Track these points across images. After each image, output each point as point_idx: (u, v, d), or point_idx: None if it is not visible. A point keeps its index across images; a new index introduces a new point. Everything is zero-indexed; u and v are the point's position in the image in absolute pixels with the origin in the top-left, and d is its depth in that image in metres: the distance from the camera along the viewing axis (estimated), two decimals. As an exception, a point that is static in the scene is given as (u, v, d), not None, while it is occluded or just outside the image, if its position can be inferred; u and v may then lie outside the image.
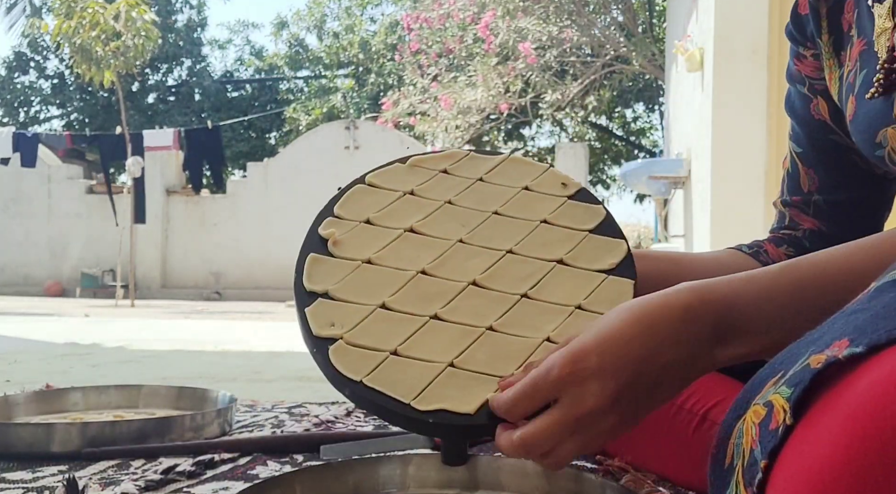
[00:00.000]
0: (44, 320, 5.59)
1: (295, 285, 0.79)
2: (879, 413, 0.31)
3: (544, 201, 0.89)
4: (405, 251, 0.82)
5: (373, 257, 0.81)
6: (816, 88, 0.88)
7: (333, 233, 0.83)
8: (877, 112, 0.72)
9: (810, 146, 0.91)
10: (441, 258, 0.81)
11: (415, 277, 0.79)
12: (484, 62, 9.74)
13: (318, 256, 0.81)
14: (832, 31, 0.82)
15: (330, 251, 0.82)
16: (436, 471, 0.78)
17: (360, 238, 0.83)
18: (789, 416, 0.37)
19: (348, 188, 0.89)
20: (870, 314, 0.38)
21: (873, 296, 0.41)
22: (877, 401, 0.32)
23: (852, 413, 0.33)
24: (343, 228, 0.84)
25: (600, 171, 15.82)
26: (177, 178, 12.07)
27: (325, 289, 0.78)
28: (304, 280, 0.79)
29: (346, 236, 0.83)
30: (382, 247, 0.82)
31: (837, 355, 0.36)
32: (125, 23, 9.04)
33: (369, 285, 0.79)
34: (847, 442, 0.32)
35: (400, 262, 0.81)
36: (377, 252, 0.82)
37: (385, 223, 0.85)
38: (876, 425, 0.31)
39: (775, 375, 0.41)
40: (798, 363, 0.39)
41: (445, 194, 0.89)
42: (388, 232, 0.84)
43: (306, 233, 0.84)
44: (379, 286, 0.78)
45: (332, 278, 0.79)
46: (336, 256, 0.82)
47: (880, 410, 0.31)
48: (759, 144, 3.88)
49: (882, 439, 0.31)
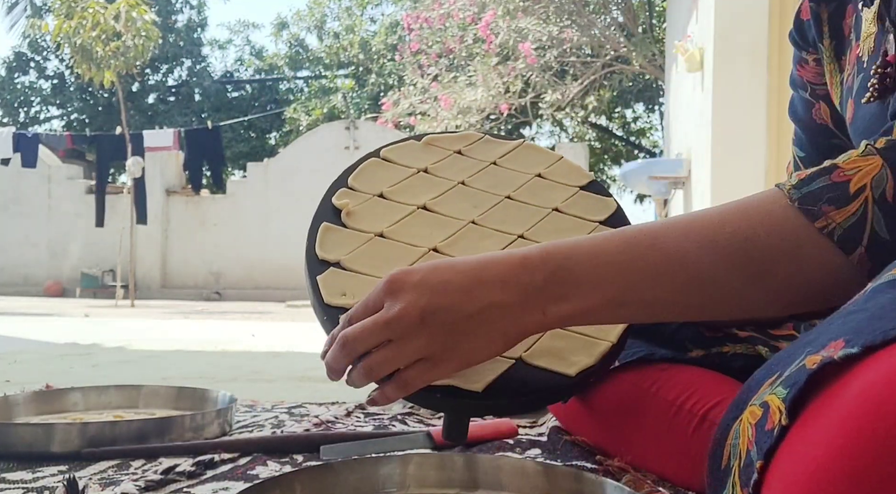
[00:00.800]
0: (44, 320, 5.59)
1: (307, 252, 0.79)
2: (874, 415, 0.31)
3: (556, 190, 0.89)
4: (418, 228, 0.82)
5: (385, 231, 0.81)
6: (818, 93, 0.88)
7: (347, 204, 0.83)
8: (873, 116, 0.73)
9: (813, 151, 0.92)
10: (453, 237, 0.82)
11: (426, 253, 0.80)
12: (484, 62, 9.74)
13: (331, 225, 0.81)
14: (833, 35, 0.83)
15: (343, 222, 0.82)
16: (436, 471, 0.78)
17: (374, 211, 0.83)
18: (785, 417, 0.37)
19: (363, 161, 0.89)
20: (866, 315, 0.38)
21: (870, 297, 0.41)
22: (871, 402, 0.32)
23: (847, 415, 0.33)
24: (357, 199, 0.84)
25: (600, 171, 15.82)
26: (177, 178, 12.07)
27: (338, 258, 0.78)
28: (316, 248, 0.79)
29: (359, 208, 0.83)
30: (396, 222, 0.82)
31: (833, 355, 0.36)
32: (125, 23, 9.04)
33: (381, 258, 0.79)
34: (842, 443, 0.32)
35: (412, 238, 0.81)
36: (390, 226, 0.82)
37: (398, 198, 0.85)
38: (871, 426, 0.31)
39: (772, 375, 0.41)
40: (794, 363, 0.39)
41: (459, 174, 0.89)
42: (401, 207, 0.84)
43: (320, 202, 0.84)
44: (391, 260, 0.79)
45: (344, 248, 0.79)
46: (349, 226, 0.81)
47: (875, 411, 0.32)
48: (759, 144, 3.88)
49: (877, 440, 0.31)
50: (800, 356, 0.40)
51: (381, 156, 0.90)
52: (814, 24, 0.84)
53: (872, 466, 0.31)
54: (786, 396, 0.37)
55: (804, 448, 0.34)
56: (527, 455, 1.05)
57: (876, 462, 0.30)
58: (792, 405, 0.37)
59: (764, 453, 0.37)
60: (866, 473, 0.31)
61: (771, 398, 0.39)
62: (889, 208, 0.58)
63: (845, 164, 0.61)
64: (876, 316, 0.37)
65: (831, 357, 0.36)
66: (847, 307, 0.42)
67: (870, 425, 0.31)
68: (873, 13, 0.72)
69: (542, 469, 0.75)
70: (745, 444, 0.39)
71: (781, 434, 0.37)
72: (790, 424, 0.36)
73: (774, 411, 0.38)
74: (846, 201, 0.58)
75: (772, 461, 0.36)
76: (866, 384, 0.33)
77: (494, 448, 1.07)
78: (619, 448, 0.96)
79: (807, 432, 0.35)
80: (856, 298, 0.43)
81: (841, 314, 0.42)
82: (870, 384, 0.33)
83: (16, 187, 11.80)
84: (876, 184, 0.58)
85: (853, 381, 0.34)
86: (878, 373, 0.33)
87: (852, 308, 0.41)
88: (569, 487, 0.72)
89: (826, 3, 0.83)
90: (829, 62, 0.84)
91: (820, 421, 0.34)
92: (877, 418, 0.31)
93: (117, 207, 10.55)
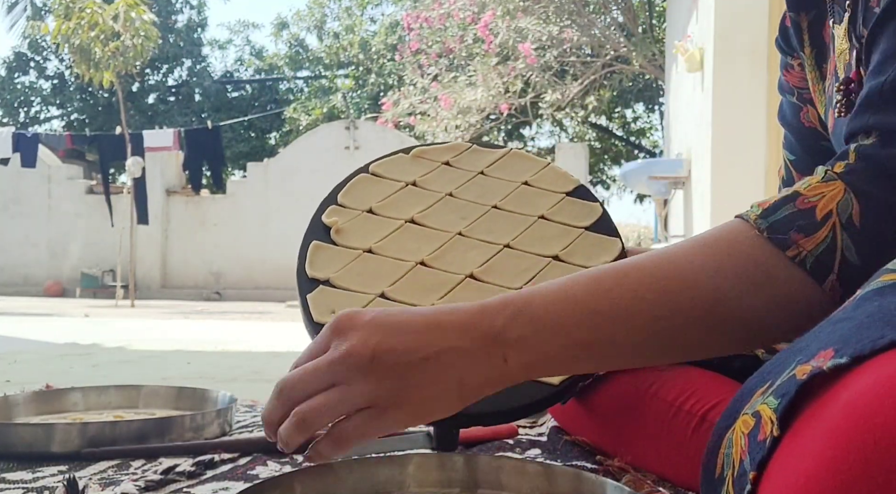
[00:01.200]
0: (43, 320, 5.59)
1: (298, 271, 0.81)
2: (862, 426, 0.31)
3: (543, 197, 0.90)
4: (406, 242, 0.83)
5: (374, 247, 0.82)
6: (805, 97, 0.89)
7: (336, 221, 0.84)
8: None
9: (804, 153, 0.92)
10: (440, 250, 0.83)
11: (414, 267, 0.81)
12: (484, 62, 9.74)
13: (320, 243, 0.82)
14: (814, 44, 0.83)
15: (333, 239, 0.83)
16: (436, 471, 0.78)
17: (363, 227, 0.84)
18: (776, 428, 0.37)
19: (352, 177, 0.90)
20: (854, 324, 0.38)
21: (857, 305, 0.41)
22: (859, 414, 0.32)
23: (835, 426, 0.33)
24: (345, 216, 0.85)
25: (600, 171, 15.82)
26: (177, 178, 12.06)
27: (327, 277, 0.79)
28: (306, 267, 0.80)
29: (348, 225, 0.84)
30: (384, 237, 0.83)
31: (822, 366, 0.36)
32: (124, 23, 9.04)
33: (370, 274, 0.80)
34: (831, 455, 0.32)
35: (400, 252, 0.82)
36: (378, 242, 0.83)
37: (387, 213, 0.86)
38: (859, 437, 0.31)
39: (763, 384, 0.41)
40: (785, 372, 0.39)
41: (447, 186, 0.90)
42: (389, 222, 0.85)
43: (310, 220, 0.85)
44: (379, 276, 0.80)
45: (333, 265, 0.80)
46: (338, 244, 0.82)
47: (863, 422, 0.31)
48: (759, 144, 3.88)
49: (865, 451, 0.31)
50: (790, 364, 0.40)
51: (371, 171, 0.90)
52: (794, 33, 0.85)
53: (861, 477, 0.30)
54: (777, 406, 0.37)
55: (794, 460, 0.34)
56: (527, 455, 1.06)
57: (864, 474, 0.30)
58: (783, 416, 0.37)
59: (756, 464, 0.37)
60: (855, 484, 0.31)
61: (762, 408, 0.39)
62: (857, 234, 0.57)
63: (807, 190, 0.60)
64: (864, 325, 0.37)
65: (820, 368, 0.36)
66: (836, 315, 0.42)
67: (858, 436, 0.31)
68: (844, 29, 0.72)
69: (542, 469, 0.75)
70: (738, 454, 0.39)
71: (773, 446, 0.36)
72: (781, 435, 0.36)
73: (766, 421, 0.38)
74: (814, 229, 0.57)
75: (764, 472, 0.36)
76: (854, 395, 0.33)
77: (494, 448, 1.08)
78: (618, 448, 0.96)
79: (797, 443, 0.35)
80: (844, 305, 0.43)
81: (830, 322, 0.41)
82: (857, 396, 0.33)
83: (16, 187, 11.80)
84: (842, 209, 0.57)
85: (842, 392, 0.34)
86: (866, 384, 0.33)
87: (841, 316, 0.41)
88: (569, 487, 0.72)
89: (806, 12, 0.83)
90: (811, 70, 0.84)
91: (809, 433, 0.34)
92: (865, 429, 0.31)
93: (117, 207, 10.55)
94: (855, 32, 0.69)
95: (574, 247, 0.84)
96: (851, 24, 0.70)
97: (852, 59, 0.70)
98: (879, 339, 0.35)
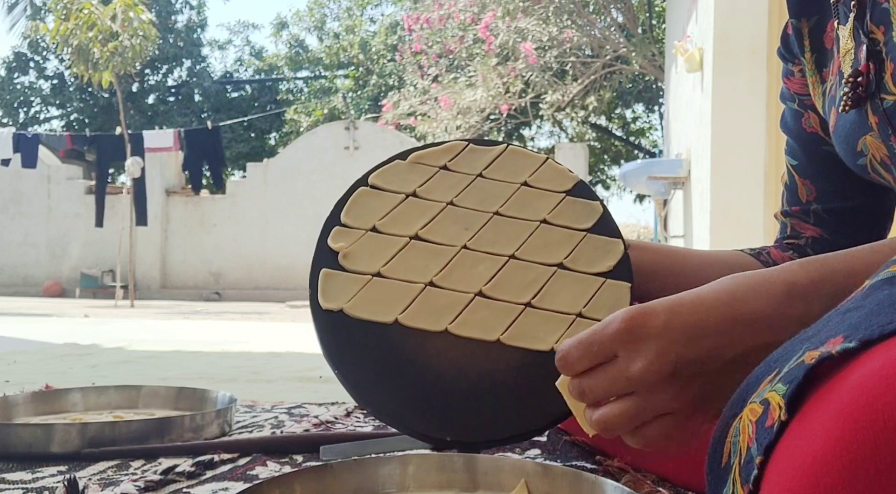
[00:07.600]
0: (43, 320, 5.59)
1: (311, 302, 0.81)
2: (870, 406, 0.32)
3: (543, 198, 0.90)
4: (413, 261, 0.84)
5: (383, 270, 0.83)
6: (806, 103, 0.92)
7: (343, 246, 0.84)
8: (853, 122, 0.75)
9: (805, 158, 0.94)
10: (448, 268, 0.84)
11: (424, 290, 0.82)
12: (484, 63, 9.75)
13: (330, 271, 0.83)
14: (814, 49, 0.86)
15: (341, 264, 0.83)
16: (436, 471, 0.78)
17: (369, 248, 0.85)
18: (784, 412, 0.37)
19: (352, 191, 0.90)
20: (863, 312, 0.39)
21: (867, 294, 0.41)
22: (868, 394, 0.32)
23: (844, 407, 0.33)
24: (351, 238, 0.85)
25: (600, 171, 15.83)
26: (176, 178, 12.07)
27: (340, 307, 0.80)
28: (319, 298, 0.80)
29: (354, 248, 0.84)
30: (391, 258, 0.84)
31: (831, 351, 0.36)
32: (122, 23, 9.04)
33: (381, 300, 0.81)
34: (839, 435, 0.32)
35: (408, 273, 0.83)
36: (386, 264, 0.83)
37: (391, 230, 0.86)
38: (867, 417, 0.32)
39: (771, 372, 0.42)
40: (793, 359, 0.40)
41: (447, 193, 0.90)
42: (394, 241, 0.86)
43: (316, 244, 0.85)
44: (391, 302, 0.81)
45: (345, 294, 0.81)
46: (347, 269, 0.83)
47: (871, 403, 0.32)
48: (759, 144, 3.88)
49: (873, 431, 0.31)
50: (798, 352, 0.40)
51: (370, 183, 0.90)
52: (795, 39, 0.88)
53: (869, 457, 0.31)
54: (785, 392, 0.38)
55: (802, 442, 0.34)
56: (527, 455, 1.06)
57: (872, 453, 0.31)
58: (791, 401, 0.37)
59: (764, 449, 0.37)
60: (863, 464, 0.31)
61: (771, 394, 0.39)
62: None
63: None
64: (873, 312, 0.38)
65: (829, 352, 0.36)
66: (845, 305, 0.42)
67: (866, 416, 0.32)
68: (849, 30, 0.75)
69: (542, 469, 0.75)
70: (745, 441, 0.39)
71: (781, 430, 0.37)
72: (789, 419, 0.37)
73: (774, 407, 0.38)
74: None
75: (771, 456, 0.37)
76: (863, 377, 0.33)
77: (494, 448, 1.07)
78: (618, 448, 0.96)
79: (805, 425, 0.35)
80: (853, 295, 0.43)
81: (839, 311, 0.42)
82: (866, 377, 0.33)
83: (16, 188, 11.80)
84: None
85: (850, 374, 0.34)
86: (875, 365, 0.33)
87: (850, 305, 0.42)
88: (569, 487, 0.72)
89: (807, 19, 0.87)
90: (811, 74, 0.87)
91: (818, 415, 0.35)
92: (873, 409, 0.32)
93: (117, 207, 10.54)
94: (863, 28, 0.71)
95: (578, 252, 0.85)
96: (858, 21, 0.72)
97: (860, 55, 0.72)
98: (888, 324, 0.35)
